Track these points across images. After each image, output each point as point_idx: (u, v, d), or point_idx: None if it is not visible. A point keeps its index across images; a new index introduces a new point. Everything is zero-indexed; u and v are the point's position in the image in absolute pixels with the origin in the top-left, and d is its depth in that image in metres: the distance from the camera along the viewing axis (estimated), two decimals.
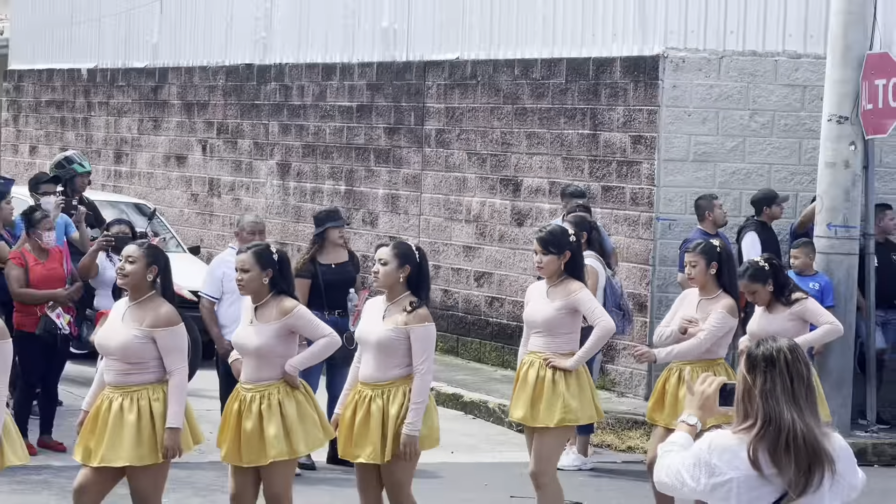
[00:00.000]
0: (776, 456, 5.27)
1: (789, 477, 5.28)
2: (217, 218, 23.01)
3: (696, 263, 10.53)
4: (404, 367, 9.29)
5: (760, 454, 5.29)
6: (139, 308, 8.84)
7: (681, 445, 5.51)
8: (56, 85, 28.03)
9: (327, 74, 20.98)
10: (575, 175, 16.92)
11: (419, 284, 9.42)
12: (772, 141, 16.30)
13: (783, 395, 5.31)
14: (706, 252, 10.54)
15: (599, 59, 16.83)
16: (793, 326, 10.59)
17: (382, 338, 9.27)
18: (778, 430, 5.29)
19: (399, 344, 9.26)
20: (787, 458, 5.27)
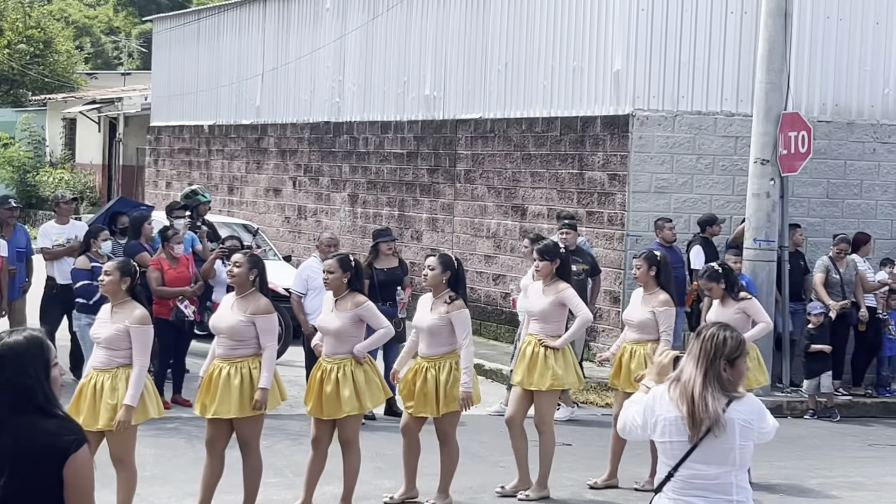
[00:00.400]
0: (680, 399, 5.31)
1: (685, 415, 5.30)
2: (303, 235, 23.11)
3: (640, 266, 10.49)
4: (448, 346, 9.42)
5: (673, 396, 5.34)
6: (243, 300, 8.90)
7: (638, 402, 5.56)
8: (185, 136, 28.19)
9: (384, 129, 21.07)
10: (567, 203, 16.96)
11: (457, 284, 9.55)
12: (713, 178, 16.31)
13: (693, 358, 5.34)
14: (648, 258, 10.54)
15: (585, 118, 16.88)
16: (739, 319, 10.51)
17: (431, 325, 9.41)
18: (679, 380, 5.33)
19: (443, 328, 9.38)
20: (681, 401, 5.30)
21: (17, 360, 4.36)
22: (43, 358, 4.41)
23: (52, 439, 4.26)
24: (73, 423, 4.36)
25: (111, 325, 8.44)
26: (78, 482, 4.26)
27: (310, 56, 23.13)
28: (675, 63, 16.13)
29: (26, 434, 4.26)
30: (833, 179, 16.74)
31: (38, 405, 4.32)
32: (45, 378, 4.39)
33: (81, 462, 4.27)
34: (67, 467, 4.24)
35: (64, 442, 4.26)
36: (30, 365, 4.35)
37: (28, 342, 4.41)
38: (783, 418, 14.22)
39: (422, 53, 20.19)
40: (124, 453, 8.42)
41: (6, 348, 4.37)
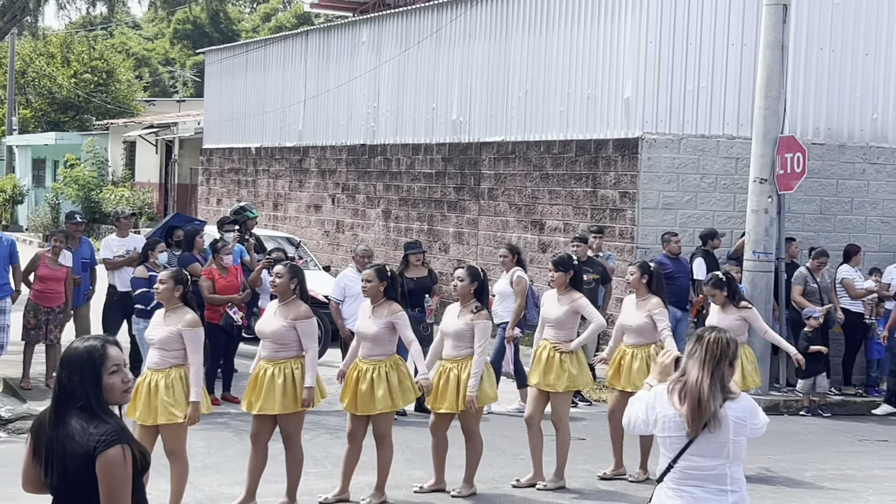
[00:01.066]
0: (681, 399, 5.30)
1: (685, 414, 5.30)
2: (341, 247, 23.16)
3: (634, 273, 10.50)
4: (471, 349, 9.43)
5: (675, 396, 5.33)
6: (285, 307, 8.93)
7: (642, 399, 5.56)
8: (234, 158, 28.30)
9: (415, 151, 21.10)
10: (581, 219, 16.95)
11: (482, 294, 9.56)
12: (715, 195, 16.28)
13: (698, 360, 5.33)
14: (641, 267, 10.52)
15: (598, 140, 16.87)
16: (738, 325, 10.54)
17: (457, 330, 9.42)
18: (684, 382, 5.31)
19: (468, 333, 9.39)
20: (682, 401, 5.29)
21: (70, 365, 4.49)
22: (93, 365, 4.50)
23: (84, 439, 4.37)
24: (107, 426, 4.42)
25: (164, 328, 8.49)
26: (105, 479, 4.35)
27: (347, 84, 23.19)
28: (681, 90, 16.12)
29: (69, 432, 4.39)
30: (826, 197, 16.69)
31: (81, 406, 4.43)
32: (91, 383, 4.48)
33: (108, 461, 4.34)
34: (97, 465, 4.34)
35: (92, 442, 4.36)
36: (78, 371, 4.47)
37: (85, 350, 4.53)
38: (780, 416, 14.18)
39: (449, 82, 20.22)
40: (177, 446, 8.46)
41: (67, 354, 4.53)
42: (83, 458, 4.34)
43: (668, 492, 5.38)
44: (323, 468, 10.14)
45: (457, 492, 9.61)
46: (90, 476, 4.33)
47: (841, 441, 13.11)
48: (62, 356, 4.54)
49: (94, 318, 14.23)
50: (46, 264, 13.33)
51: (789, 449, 12.09)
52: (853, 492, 10.51)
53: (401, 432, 10.73)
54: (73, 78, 46.85)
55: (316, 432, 11.51)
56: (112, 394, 4.49)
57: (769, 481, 10.47)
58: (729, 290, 10.75)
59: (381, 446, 9.28)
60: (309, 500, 9.17)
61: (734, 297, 10.79)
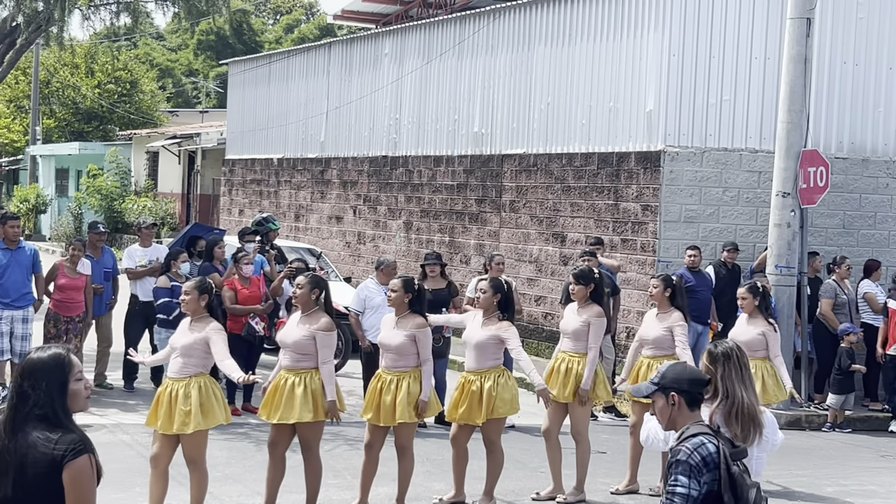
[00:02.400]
0: (728, 419, 5.30)
1: (735, 433, 5.30)
2: (362, 259, 23.18)
3: (657, 286, 10.46)
4: (494, 360, 9.43)
5: (716, 418, 5.32)
6: (307, 318, 8.95)
7: None
8: (256, 168, 28.38)
9: (437, 163, 21.12)
10: (603, 231, 16.93)
11: (507, 306, 9.55)
12: (737, 209, 16.24)
13: (737, 379, 5.35)
14: (665, 280, 10.51)
15: (620, 153, 16.85)
16: (760, 341, 10.53)
17: (479, 341, 9.42)
18: (732, 402, 5.31)
19: (490, 344, 9.39)
20: (736, 421, 5.30)
21: (34, 374, 4.47)
22: (60, 373, 4.51)
23: (49, 449, 4.36)
24: (73, 435, 4.43)
25: (189, 335, 8.53)
26: (74, 488, 4.35)
27: (370, 96, 23.24)
28: (703, 104, 16.09)
29: (29, 442, 4.37)
30: (849, 211, 16.62)
31: (43, 416, 4.41)
32: (58, 392, 4.48)
33: (77, 471, 4.35)
34: (64, 475, 4.34)
35: (58, 452, 4.35)
36: (44, 379, 4.45)
37: (51, 359, 4.52)
38: (802, 430, 14.12)
39: (471, 94, 20.24)
40: (196, 455, 8.48)
41: (30, 363, 4.50)
42: (47, 467, 4.34)
43: None
44: (343, 479, 10.14)
45: None
46: (53, 486, 4.33)
47: (863, 456, 13.04)
48: (24, 365, 4.52)
49: (116, 327, 14.29)
50: (65, 273, 13.38)
51: (810, 464, 12.04)
52: None
53: (421, 444, 10.72)
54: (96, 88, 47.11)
55: (335, 443, 11.52)
56: (76, 401, 4.53)
57: (791, 496, 10.42)
58: (761, 301, 10.69)
59: (402, 458, 9.27)
60: None
61: (765, 308, 10.74)
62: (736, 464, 4.81)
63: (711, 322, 14.86)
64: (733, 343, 5.52)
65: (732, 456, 4.81)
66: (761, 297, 10.72)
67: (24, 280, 13.04)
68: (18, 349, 12.89)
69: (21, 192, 41.96)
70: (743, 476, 4.78)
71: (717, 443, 4.82)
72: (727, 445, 4.85)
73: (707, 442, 4.83)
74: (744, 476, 4.78)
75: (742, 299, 10.78)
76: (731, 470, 4.76)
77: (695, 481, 4.76)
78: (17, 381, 4.50)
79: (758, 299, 10.68)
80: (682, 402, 5.00)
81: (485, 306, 9.54)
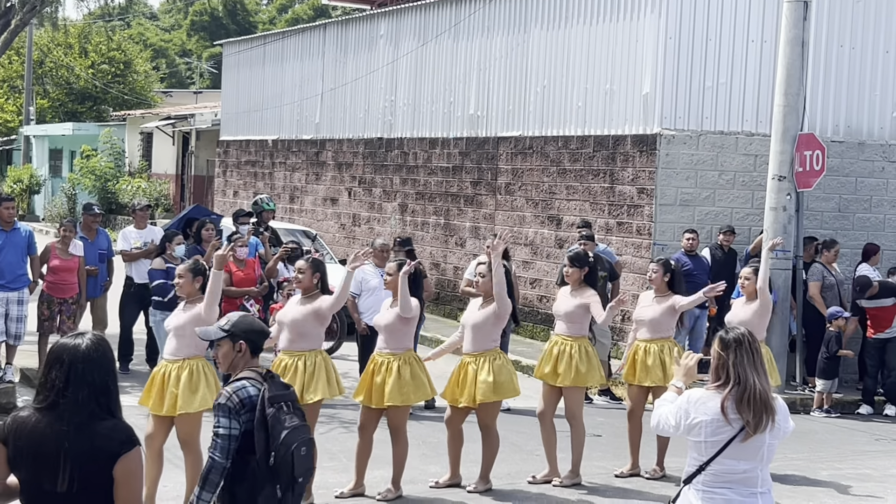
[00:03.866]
0: (740, 405, 5.29)
1: (748, 419, 5.30)
2: (357, 241, 23.15)
3: (656, 271, 10.46)
4: (491, 343, 9.42)
5: (728, 404, 5.32)
6: (307, 299, 8.96)
7: (670, 401, 5.57)
8: (251, 150, 28.32)
9: (432, 145, 21.08)
10: (598, 215, 16.92)
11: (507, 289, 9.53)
12: (733, 192, 16.23)
13: (748, 365, 5.34)
14: (664, 265, 10.50)
15: (616, 136, 16.83)
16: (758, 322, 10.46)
17: (476, 321, 9.41)
18: (744, 388, 5.30)
19: (487, 325, 9.38)
20: (748, 407, 5.28)
21: (92, 361, 4.32)
22: (111, 363, 4.39)
23: (107, 440, 4.23)
24: (127, 426, 4.33)
25: (182, 315, 8.51)
26: (126, 481, 4.23)
27: (365, 78, 23.18)
28: (699, 86, 16.07)
29: (89, 432, 4.23)
30: (845, 195, 16.62)
31: (102, 406, 4.28)
32: (113, 381, 4.37)
33: (131, 464, 4.24)
34: (117, 467, 4.22)
35: (115, 443, 4.24)
36: (97, 368, 4.31)
37: (104, 346, 4.40)
38: (796, 414, 14.13)
39: (467, 76, 20.19)
40: (190, 437, 8.47)
41: (86, 351, 4.32)
42: (106, 459, 4.21)
43: (697, 493, 5.40)
44: (339, 462, 10.14)
45: (473, 488, 9.61)
46: (106, 478, 4.21)
47: (857, 440, 13.06)
48: (80, 351, 4.31)
49: (111, 309, 14.27)
50: (57, 255, 13.32)
51: (805, 448, 12.05)
52: (870, 491, 10.47)
53: (416, 427, 10.73)
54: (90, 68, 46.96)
55: (331, 426, 11.52)
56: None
57: (786, 480, 10.44)
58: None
59: (395, 441, 9.28)
60: (325, 494, 9.17)
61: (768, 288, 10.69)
62: (278, 405, 5.34)
63: (709, 305, 14.85)
64: (745, 329, 5.52)
65: (272, 399, 5.34)
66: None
67: (18, 261, 13.00)
68: (13, 331, 12.87)
69: (14, 172, 41.87)
70: (280, 417, 5.30)
71: (259, 387, 5.40)
72: (275, 389, 5.41)
73: (248, 385, 5.43)
74: (282, 417, 5.31)
75: (747, 279, 10.71)
76: (266, 411, 5.30)
77: (235, 421, 5.33)
78: (74, 368, 4.27)
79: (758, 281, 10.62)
80: (247, 349, 5.68)
81: (485, 290, 9.52)
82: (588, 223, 15.45)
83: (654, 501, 9.54)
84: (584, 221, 15.53)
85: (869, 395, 14.72)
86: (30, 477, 4.21)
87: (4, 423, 4.28)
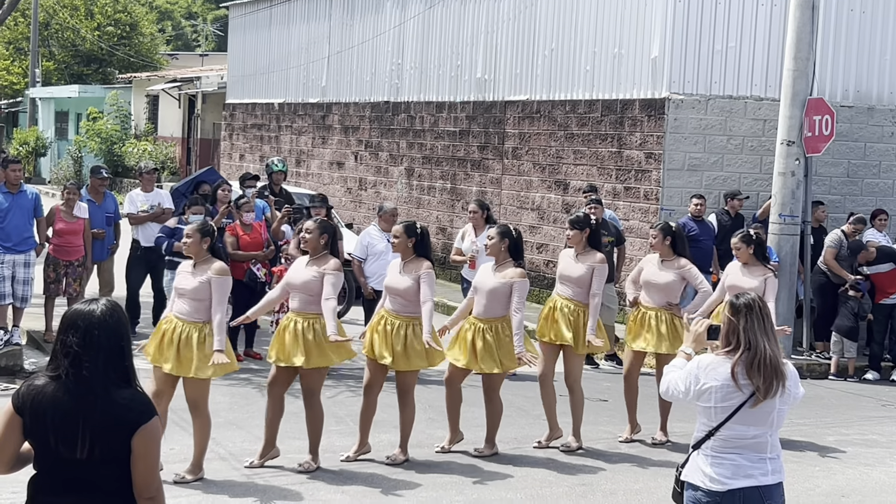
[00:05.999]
0: (751, 371, 5.28)
1: (758, 384, 5.29)
2: (364, 205, 23.14)
3: (656, 236, 10.40)
4: (505, 310, 9.36)
5: (738, 369, 5.31)
6: (315, 261, 8.93)
7: (679, 367, 5.56)
8: (257, 113, 28.27)
9: (439, 109, 21.02)
10: (606, 179, 16.88)
11: (516, 252, 9.48)
12: (742, 157, 16.18)
13: (759, 330, 5.33)
14: (663, 229, 10.42)
15: (624, 100, 16.76)
16: (759, 286, 10.36)
17: (493, 287, 9.36)
18: (755, 353, 5.29)
19: (504, 293, 9.32)
20: (758, 372, 5.28)
21: (108, 327, 4.25)
22: (126, 330, 4.33)
23: (126, 410, 4.18)
24: (144, 396, 4.28)
25: (194, 279, 8.47)
26: (144, 452, 4.19)
27: (372, 41, 23.08)
28: (708, 50, 15.98)
29: (109, 401, 4.17)
30: (853, 160, 16.57)
31: (121, 374, 4.23)
32: (129, 348, 4.32)
33: (150, 434, 4.19)
34: (136, 437, 4.17)
35: (134, 413, 4.18)
36: (114, 335, 4.25)
37: (120, 312, 4.33)
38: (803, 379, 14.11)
39: (474, 39, 20.10)
40: (199, 400, 8.47)
41: (102, 316, 4.24)
42: (127, 428, 4.16)
43: (706, 459, 5.40)
44: (345, 426, 10.16)
45: (479, 451, 9.63)
46: (124, 448, 4.17)
47: (864, 406, 13.08)
48: (95, 317, 4.22)
49: (118, 272, 14.28)
50: (62, 218, 13.32)
51: (812, 413, 12.06)
52: (876, 456, 10.49)
53: (423, 392, 10.74)
54: (96, 30, 46.81)
55: (337, 389, 11.55)
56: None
57: (792, 446, 10.45)
58: (756, 249, 10.54)
59: (403, 405, 9.29)
60: (331, 458, 9.20)
61: (762, 256, 10.61)
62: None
63: (713, 272, 14.82)
64: (754, 294, 5.50)
65: None
66: (756, 245, 10.55)
67: (25, 224, 13.00)
68: (20, 293, 12.88)
69: (21, 134, 41.84)
70: None
71: None
72: None
73: None
74: None
75: (737, 249, 10.61)
76: None
77: None
78: (92, 333, 4.19)
79: (752, 247, 10.49)
80: None
81: (494, 253, 9.49)
82: (594, 188, 15.40)
83: (660, 467, 9.56)
84: (590, 186, 15.47)
85: (876, 360, 14.72)
86: (46, 445, 4.18)
87: (18, 391, 4.23)
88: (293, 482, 8.62)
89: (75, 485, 4.17)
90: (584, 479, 9.21)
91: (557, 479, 9.17)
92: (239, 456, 9.17)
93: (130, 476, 4.20)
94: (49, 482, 4.20)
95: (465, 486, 8.78)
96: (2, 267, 12.74)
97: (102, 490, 4.19)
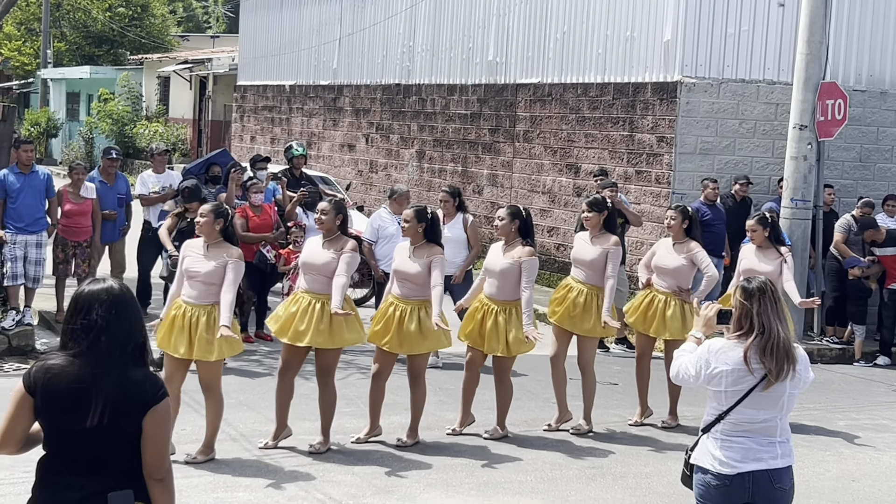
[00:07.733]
0: (764, 354, 5.29)
1: (770, 367, 5.30)
2: (375, 187, 23.15)
3: (675, 218, 10.38)
4: (516, 292, 9.35)
5: (751, 353, 5.31)
6: (331, 242, 8.93)
7: (689, 351, 5.57)
8: (268, 95, 28.25)
9: (450, 91, 20.99)
10: (617, 163, 16.85)
11: (526, 232, 9.48)
12: (754, 141, 16.14)
13: (772, 313, 5.34)
14: (682, 212, 10.41)
15: (636, 84, 16.72)
16: (774, 269, 10.34)
17: (504, 268, 9.35)
18: (768, 337, 5.30)
19: (514, 273, 9.31)
20: (771, 356, 5.29)
21: (120, 305, 4.25)
22: (140, 309, 4.35)
23: (140, 389, 4.19)
24: (156, 377, 4.29)
25: (208, 262, 8.46)
26: (155, 433, 4.20)
27: (383, 23, 23.05)
28: (721, 34, 15.92)
29: (124, 379, 4.18)
30: (866, 145, 16.52)
31: (136, 353, 4.24)
32: (142, 327, 4.32)
33: (161, 414, 4.21)
34: (147, 418, 4.18)
35: (148, 393, 4.20)
36: (130, 314, 4.26)
37: (131, 292, 4.36)
38: (813, 364, 14.11)
39: (486, 22, 20.05)
40: (213, 381, 8.49)
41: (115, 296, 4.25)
42: (137, 409, 4.17)
43: (716, 442, 5.41)
44: (356, 408, 10.18)
45: (489, 434, 9.65)
46: (135, 428, 4.18)
47: (875, 390, 13.07)
48: (105, 298, 4.22)
49: (130, 253, 14.31)
50: (69, 199, 13.35)
51: (822, 398, 12.06)
52: (887, 441, 10.49)
53: (434, 374, 10.77)
54: (107, 11, 46.77)
55: (349, 371, 11.57)
56: None
57: (802, 430, 10.45)
58: (772, 231, 10.51)
59: (414, 387, 9.31)
60: (342, 440, 9.22)
61: (776, 239, 10.58)
62: None
63: (724, 255, 14.81)
64: (765, 278, 5.51)
65: None
66: (770, 227, 10.53)
67: (37, 204, 13.01)
68: (32, 274, 12.91)
69: (32, 115, 41.88)
70: None
71: None
72: None
73: None
74: None
75: (753, 231, 10.57)
76: None
77: None
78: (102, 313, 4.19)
79: (767, 230, 10.45)
80: None
81: (504, 233, 9.49)
82: (605, 171, 15.38)
83: (670, 450, 9.57)
84: (601, 170, 15.45)
85: (886, 346, 14.71)
86: (57, 425, 4.19)
87: (30, 371, 4.23)
88: (304, 463, 8.66)
89: (85, 466, 4.18)
90: (594, 462, 9.23)
91: (568, 462, 9.19)
92: (249, 437, 9.20)
93: (140, 457, 4.21)
94: (59, 463, 4.21)
95: (475, 469, 8.80)
96: (14, 247, 12.76)
97: (112, 470, 4.20)
